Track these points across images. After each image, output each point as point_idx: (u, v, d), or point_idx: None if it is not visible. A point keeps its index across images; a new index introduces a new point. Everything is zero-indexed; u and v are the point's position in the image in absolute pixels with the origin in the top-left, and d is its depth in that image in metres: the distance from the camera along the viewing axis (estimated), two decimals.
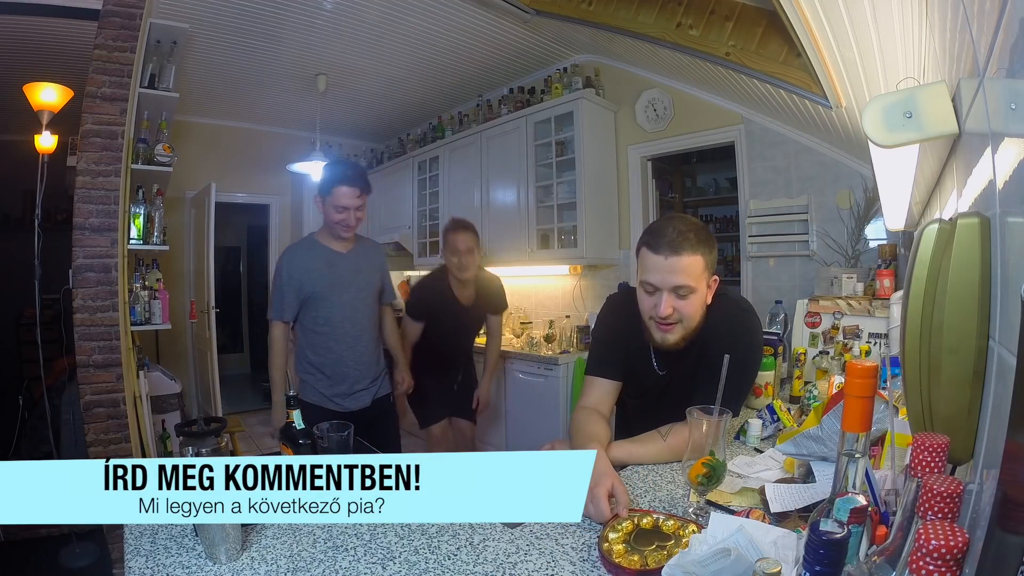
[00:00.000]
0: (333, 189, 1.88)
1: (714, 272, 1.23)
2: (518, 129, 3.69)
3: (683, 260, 1.14)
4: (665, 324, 1.20)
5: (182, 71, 3.05)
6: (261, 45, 3.37)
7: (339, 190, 1.87)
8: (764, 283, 2.91)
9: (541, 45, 3.57)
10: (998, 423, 0.47)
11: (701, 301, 1.20)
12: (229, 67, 3.67)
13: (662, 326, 1.21)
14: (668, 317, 1.18)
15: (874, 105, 0.67)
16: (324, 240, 2.00)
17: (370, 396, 2.07)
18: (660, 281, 1.17)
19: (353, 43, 3.40)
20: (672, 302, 1.17)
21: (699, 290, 1.18)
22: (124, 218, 2.46)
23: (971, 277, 0.54)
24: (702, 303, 1.21)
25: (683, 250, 1.13)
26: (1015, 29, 0.43)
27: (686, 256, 1.14)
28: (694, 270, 1.15)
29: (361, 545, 0.91)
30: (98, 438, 2.35)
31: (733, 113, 2.96)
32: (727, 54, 2.27)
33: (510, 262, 3.90)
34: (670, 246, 1.14)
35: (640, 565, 0.80)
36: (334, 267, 1.96)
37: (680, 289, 1.16)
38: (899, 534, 0.51)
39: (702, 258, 1.16)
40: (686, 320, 1.20)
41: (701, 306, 1.21)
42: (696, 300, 1.19)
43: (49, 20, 2.74)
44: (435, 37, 3.35)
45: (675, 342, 1.22)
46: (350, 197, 1.89)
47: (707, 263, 1.18)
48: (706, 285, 1.21)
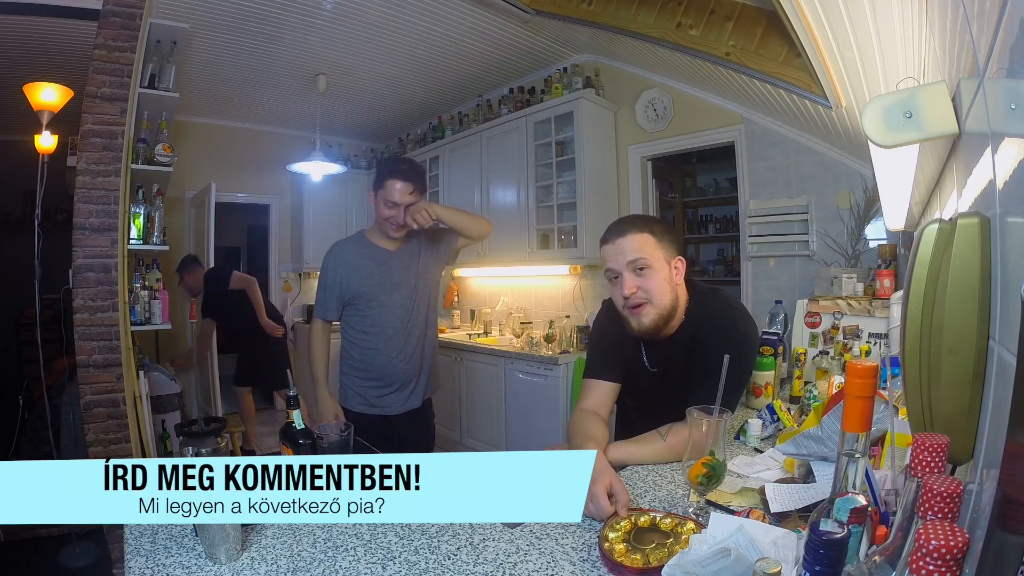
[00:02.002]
0: (385, 182, 1.77)
1: (677, 254, 1.27)
2: (518, 129, 3.69)
3: (631, 238, 1.21)
4: (635, 306, 1.23)
5: (182, 71, 3.04)
6: (261, 45, 3.36)
7: (391, 183, 1.76)
8: (764, 283, 2.92)
9: (541, 45, 3.57)
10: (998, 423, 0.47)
11: (664, 278, 1.23)
12: (229, 67, 3.67)
13: (632, 309, 1.24)
14: (633, 296, 1.21)
15: (874, 105, 0.67)
16: (374, 238, 1.91)
17: (419, 398, 1.98)
18: (616, 263, 1.23)
19: (353, 43, 3.40)
20: (632, 280, 1.21)
21: (656, 266, 1.22)
22: (124, 218, 2.46)
23: (971, 277, 0.54)
24: (666, 280, 1.24)
25: (628, 231, 1.22)
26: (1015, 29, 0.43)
27: (633, 234, 1.22)
28: (645, 246, 1.21)
29: (361, 545, 0.91)
30: (98, 438, 2.35)
31: (733, 113, 2.96)
32: (727, 54, 2.27)
33: (510, 262, 3.91)
34: (616, 231, 1.24)
35: (643, 564, 0.80)
36: (383, 266, 1.88)
37: (635, 263, 1.21)
38: (899, 534, 0.51)
39: (651, 236, 1.22)
40: (655, 299, 1.22)
41: (666, 283, 1.24)
42: (657, 277, 1.22)
43: (49, 20, 2.74)
44: (435, 37, 3.35)
45: (652, 324, 1.24)
46: (402, 193, 1.76)
47: (659, 242, 1.23)
48: (667, 264, 1.24)
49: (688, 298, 1.31)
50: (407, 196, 1.77)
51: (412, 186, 1.78)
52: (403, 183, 1.76)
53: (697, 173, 5.03)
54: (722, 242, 4.78)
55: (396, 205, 1.77)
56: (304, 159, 4.20)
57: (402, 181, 1.76)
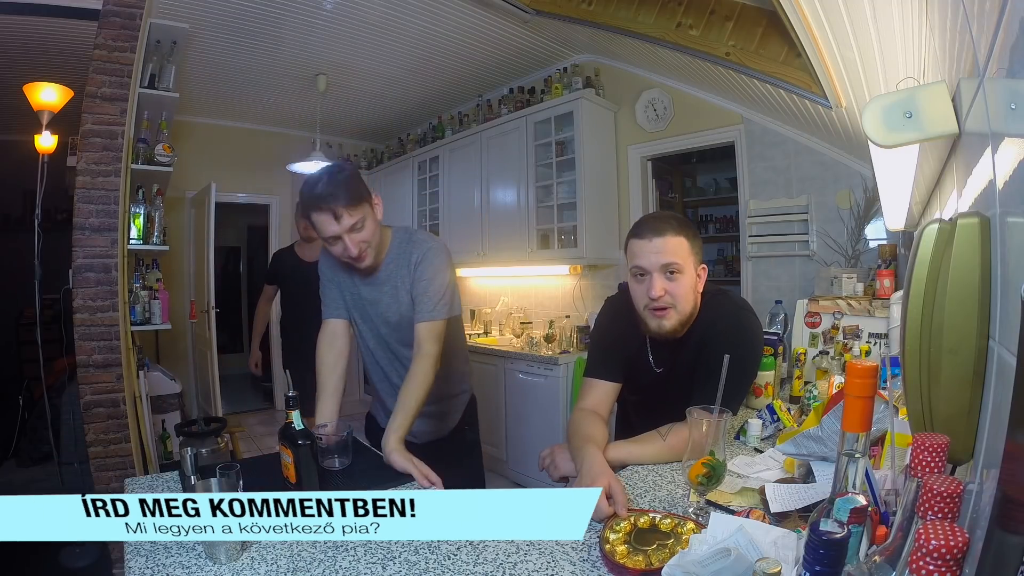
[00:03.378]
0: (311, 217, 1.35)
1: (702, 262, 1.26)
2: (518, 129, 3.69)
3: (668, 240, 1.19)
4: (659, 309, 1.22)
5: (182, 71, 3.04)
6: (261, 45, 3.36)
7: (315, 218, 1.34)
8: (764, 283, 2.91)
9: (541, 45, 3.57)
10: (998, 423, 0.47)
11: (691, 285, 1.22)
12: (229, 67, 3.67)
13: (656, 311, 1.22)
14: (660, 299, 1.20)
15: (874, 105, 0.67)
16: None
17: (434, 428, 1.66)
18: (648, 263, 1.20)
19: (353, 43, 3.40)
20: (663, 283, 1.20)
21: (687, 272, 1.21)
22: (124, 218, 2.46)
23: (971, 277, 0.54)
24: (692, 288, 1.23)
25: (667, 231, 1.19)
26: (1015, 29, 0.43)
27: (670, 236, 1.19)
28: (680, 250, 1.19)
29: (361, 545, 0.91)
30: (98, 438, 2.35)
31: (733, 113, 2.96)
32: (727, 54, 2.27)
33: (510, 262, 3.90)
34: (654, 229, 1.20)
35: (645, 565, 0.80)
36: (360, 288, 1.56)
37: (668, 267, 1.19)
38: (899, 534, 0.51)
39: (686, 240, 1.20)
40: (679, 304, 1.21)
41: (691, 291, 1.23)
42: (685, 282, 1.21)
43: (49, 20, 2.74)
44: (435, 37, 3.35)
45: (671, 329, 1.23)
46: (327, 222, 1.33)
47: (692, 248, 1.22)
48: (694, 271, 1.23)
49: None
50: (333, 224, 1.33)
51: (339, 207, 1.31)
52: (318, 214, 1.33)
53: (697, 173, 5.03)
54: (722, 242, 4.78)
55: (336, 239, 1.35)
56: (304, 159, 4.20)
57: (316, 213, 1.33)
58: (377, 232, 1.43)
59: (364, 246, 1.39)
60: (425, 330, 1.42)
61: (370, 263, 1.44)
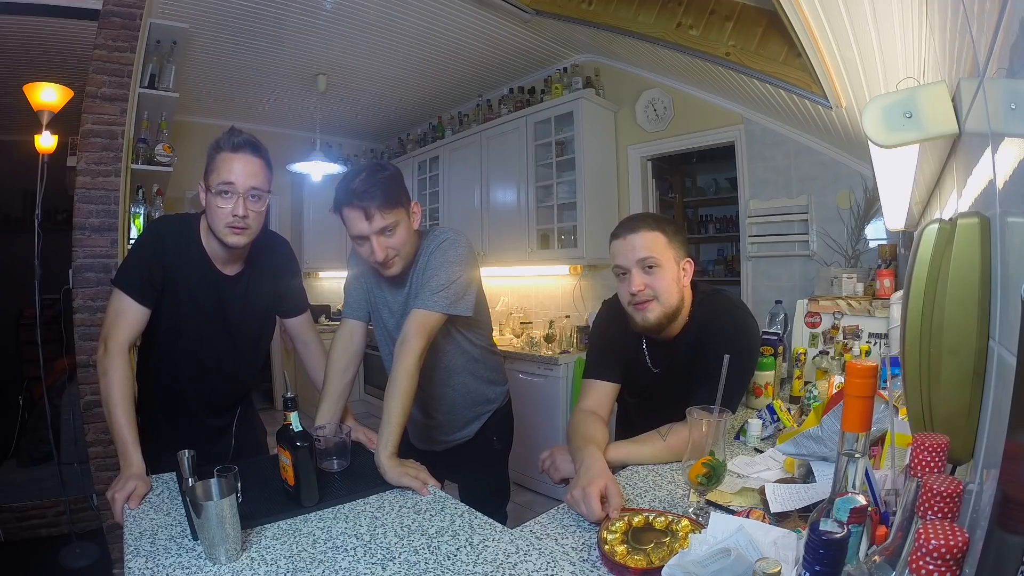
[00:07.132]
0: (342, 213, 1.31)
1: (686, 256, 1.28)
2: (518, 129, 3.69)
3: (643, 235, 1.23)
4: (640, 303, 1.24)
5: (182, 71, 3.04)
6: (261, 45, 3.36)
7: (347, 214, 1.29)
8: (764, 283, 2.91)
9: (541, 45, 3.57)
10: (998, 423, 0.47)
11: (672, 278, 1.24)
12: (229, 67, 3.67)
13: (639, 305, 1.25)
14: (640, 293, 1.23)
15: (874, 105, 0.67)
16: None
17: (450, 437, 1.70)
18: (626, 260, 1.24)
19: (353, 43, 3.40)
20: (641, 278, 1.23)
21: (666, 265, 1.23)
22: (124, 218, 2.46)
23: (971, 277, 0.54)
24: (674, 281, 1.25)
25: (640, 228, 1.23)
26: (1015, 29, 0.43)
27: (645, 232, 1.23)
28: (656, 245, 1.22)
29: (361, 545, 0.91)
30: (98, 438, 2.35)
31: (733, 113, 2.96)
32: (727, 54, 2.27)
33: (510, 262, 3.90)
34: (628, 228, 1.25)
35: (647, 563, 0.80)
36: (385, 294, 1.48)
37: (645, 261, 1.22)
38: (899, 534, 0.51)
39: (663, 235, 1.23)
40: (661, 297, 1.23)
41: (674, 284, 1.25)
42: (666, 276, 1.23)
43: (49, 20, 2.74)
44: (435, 37, 3.35)
45: (656, 321, 1.25)
46: (357, 220, 1.27)
47: (671, 242, 1.24)
48: (676, 265, 1.25)
49: (692, 300, 1.31)
50: (363, 224, 1.26)
51: (372, 206, 1.24)
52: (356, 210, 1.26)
53: (697, 173, 5.03)
54: (722, 242, 4.78)
55: (363, 239, 1.29)
56: (304, 159, 4.20)
57: (350, 208, 1.27)
58: (409, 242, 1.32)
59: (392, 253, 1.29)
60: (415, 318, 1.27)
61: (396, 272, 1.33)
